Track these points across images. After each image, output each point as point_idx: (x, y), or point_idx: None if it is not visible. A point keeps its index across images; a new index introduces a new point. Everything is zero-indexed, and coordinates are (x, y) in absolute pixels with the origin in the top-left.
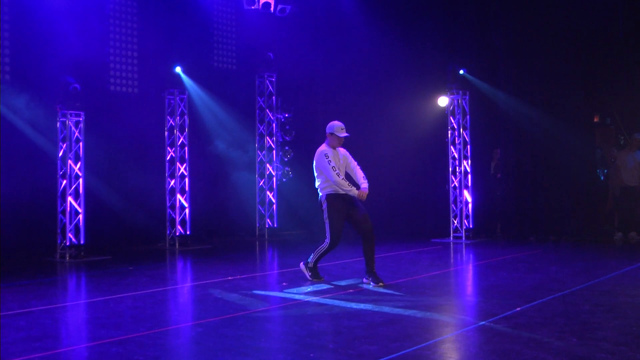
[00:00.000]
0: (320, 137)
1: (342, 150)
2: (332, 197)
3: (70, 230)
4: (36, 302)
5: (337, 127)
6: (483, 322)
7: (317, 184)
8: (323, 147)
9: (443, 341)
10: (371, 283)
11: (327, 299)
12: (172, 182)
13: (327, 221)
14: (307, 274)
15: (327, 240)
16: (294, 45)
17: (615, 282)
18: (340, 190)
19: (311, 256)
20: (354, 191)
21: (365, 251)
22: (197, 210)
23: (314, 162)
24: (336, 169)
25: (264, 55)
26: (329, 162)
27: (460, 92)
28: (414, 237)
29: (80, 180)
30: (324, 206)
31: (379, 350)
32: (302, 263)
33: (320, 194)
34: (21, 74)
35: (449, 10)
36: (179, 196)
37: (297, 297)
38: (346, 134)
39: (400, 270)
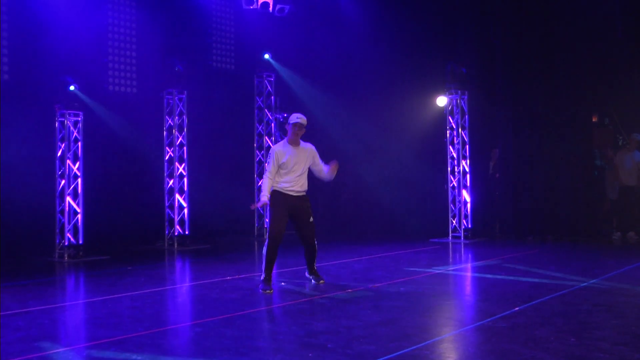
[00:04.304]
0: (320, 136)
1: (308, 147)
2: (275, 193)
3: (68, 230)
4: (34, 302)
5: (292, 117)
6: (481, 322)
7: None
8: (276, 147)
9: (441, 341)
10: (312, 281)
11: (326, 299)
12: (171, 182)
13: (270, 213)
14: (260, 286)
15: (267, 237)
16: (293, 45)
17: (614, 282)
18: (283, 190)
19: (263, 265)
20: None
21: (308, 248)
22: (195, 210)
23: None
24: (273, 169)
25: (263, 55)
26: (269, 162)
27: (459, 92)
28: (412, 237)
29: (79, 180)
30: (270, 202)
31: (377, 350)
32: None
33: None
34: (20, 74)
35: (448, 10)
36: (177, 196)
37: (295, 296)
38: (296, 120)
39: (398, 270)
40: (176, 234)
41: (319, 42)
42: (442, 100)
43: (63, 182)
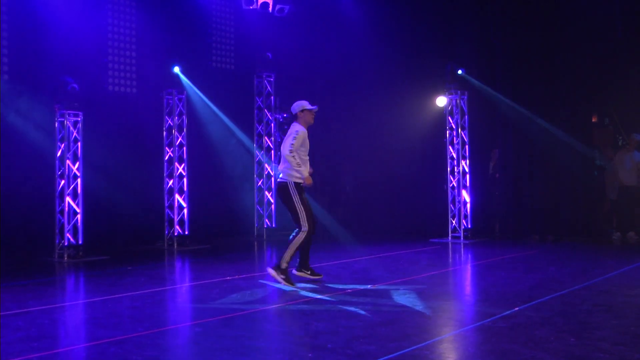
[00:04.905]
0: (320, 136)
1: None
2: (298, 185)
3: (68, 230)
4: (34, 302)
5: (305, 103)
6: (481, 322)
7: (281, 166)
8: (299, 127)
9: (441, 341)
10: (308, 277)
11: (326, 299)
12: (171, 182)
13: (299, 206)
14: (279, 277)
15: (305, 228)
16: (293, 45)
17: (614, 282)
18: (302, 179)
19: (285, 254)
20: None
21: (306, 248)
22: (195, 210)
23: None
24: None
25: (263, 55)
26: (296, 140)
27: (459, 92)
28: (412, 237)
29: (79, 180)
30: (294, 196)
31: (377, 350)
32: (269, 267)
33: (286, 178)
34: (19, 74)
35: (448, 10)
36: (177, 196)
37: (295, 296)
38: (314, 106)
39: (398, 270)
40: (176, 234)
41: (318, 42)
42: (441, 101)
43: (63, 182)
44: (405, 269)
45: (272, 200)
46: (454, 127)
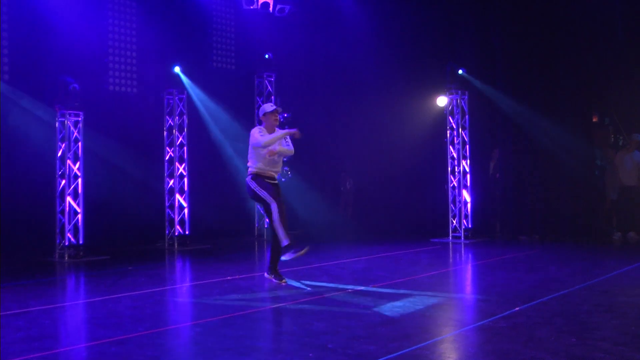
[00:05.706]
0: (320, 136)
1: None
2: (258, 176)
3: (69, 230)
4: (35, 302)
5: (266, 106)
6: (482, 322)
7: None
8: (256, 128)
9: (442, 341)
10: (274, 280)
11: (326, 299)
12: (171, 182)
13: (259, 191)
14: (293, 251)
15: (273, 204)
16: (293, 45)
17: (614, 282)
18: (264, 173)
19: (282, 231)
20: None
21: (275, 247)
22: (196, 210)
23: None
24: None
25: (263, 55)
26: (260, 139)
27: (459, 92)
28: (413, 237)
29: (79, 180)
30: (253, 185)
31: (377, 350)
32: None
33: (248, 174)
34: (20, 74)
35: (448, 10)
36: (177, 196)
37: (295, 296)
38: (277, 107)
39: (399, 270)
40: (176, 234)
41: (319, 42)
42: (442, 100)
43: (63, 182)
44: (405, 269)
45: None
46: (454, 127)
